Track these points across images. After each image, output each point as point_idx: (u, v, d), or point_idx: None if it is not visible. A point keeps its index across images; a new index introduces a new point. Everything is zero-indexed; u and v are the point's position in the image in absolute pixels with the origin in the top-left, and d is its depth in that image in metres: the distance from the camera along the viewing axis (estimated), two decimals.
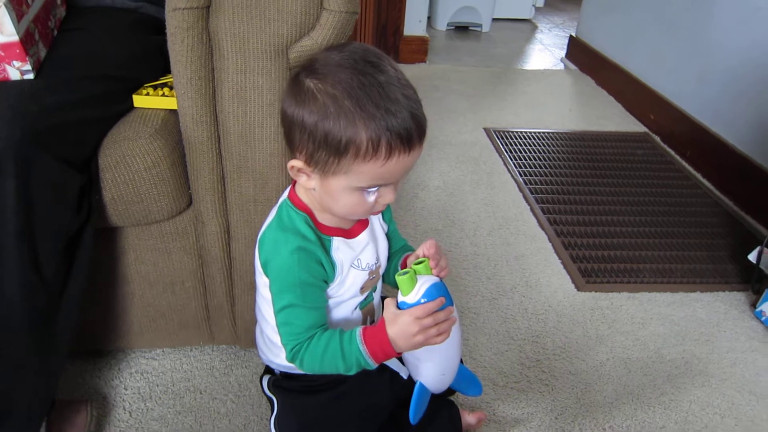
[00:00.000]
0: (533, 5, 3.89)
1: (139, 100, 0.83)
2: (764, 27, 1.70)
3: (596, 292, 1.33)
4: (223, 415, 0.97)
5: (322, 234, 0.71)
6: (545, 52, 3.27)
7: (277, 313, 0.70)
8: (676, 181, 1.88)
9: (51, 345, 0.71)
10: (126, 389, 1.01)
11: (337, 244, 0.72)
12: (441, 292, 0.67)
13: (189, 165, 0.82)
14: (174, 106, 0.81)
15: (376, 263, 0.77)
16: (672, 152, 2.08)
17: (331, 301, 0.75)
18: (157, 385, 1.02)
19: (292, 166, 0.66)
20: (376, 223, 0.79)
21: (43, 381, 0.72)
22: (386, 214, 0.81)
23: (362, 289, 0.77)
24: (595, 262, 1.44)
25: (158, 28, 0.89)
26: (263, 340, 0.85)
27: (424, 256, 0.70)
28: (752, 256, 1.37)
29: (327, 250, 0.70)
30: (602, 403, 1.04)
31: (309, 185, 0.67)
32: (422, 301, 0.65)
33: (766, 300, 1.27)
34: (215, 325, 1.00)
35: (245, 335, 1.01)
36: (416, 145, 0.62)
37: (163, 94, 0.84)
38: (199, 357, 1.07)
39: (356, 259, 0.74)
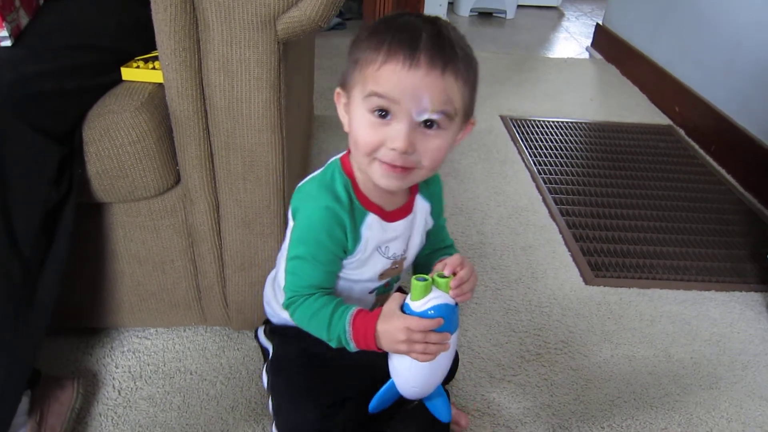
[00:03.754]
0: None
1: (127, 73, 0.81)
2: None
3: (605, 286, 1.29)
4: (211, 397, 0.96)
5: (360, 205, 0.69)
6: (570, 41, 3.18)
7: (288, 260, 0.70)
8: (698, 176, 1.81)
9: (28, 321, 0.70)
10: (117, 367, 1.00)
11: (371, 221, 0.69)
12: (448, 315, 0.64)
13: (176, 140, 0.80)
14: (161, 80, 0.78)
15: (402, 254, 0.75)
16: (696, 146, 2.00)
17: (345, 280, 0.73)
18: (148, 365, 1.01)
19: (337, 92, 0.67)
20: (420, 215, 0.75)
21: (19, 356, 0.71)
22: (436, 208, 0.78)
23: (381, 276, 0.74)
24: (607, 255, 1.39)
25: None
26: (272, 290, 0.83)
27: (453, 274, 0.66)
28: None
29: (356, 222, 0.68)
30: (602, 401, 1.00)
31: (344, 119, 0.66)
32: (429, 313, 0.63)
33: None
34: (207, 306, 0.99)
35: (237, 317, 0.99)
36: (421, 62, 0.58)
37: (154, 68, 0.82)
38: (192, 338, 1.06)
39: (384, 246, 0.72)
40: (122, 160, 0.77)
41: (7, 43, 0.68)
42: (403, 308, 0.65)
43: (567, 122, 2.09)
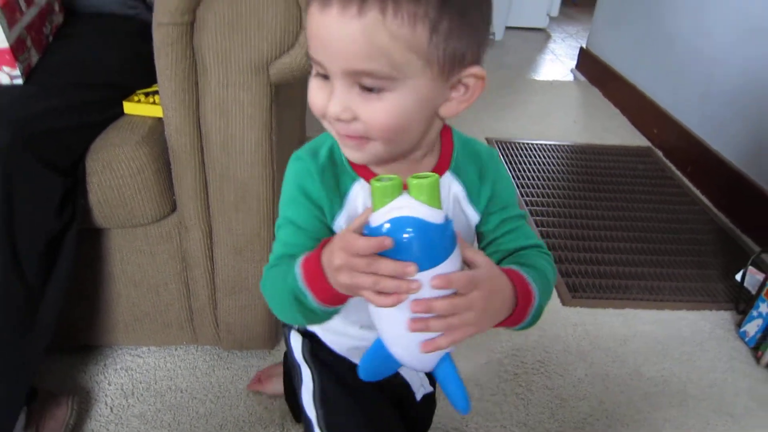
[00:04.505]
0: (548, 14, 3.87)
1: (130, 107, 0.86)
2: (761, 47, 1.70)
3: (582, 307, 1.34)
4: (201, 415, 1.00)
5: (349, 167, 0.55)
6: (556, 62, 3.26)
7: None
8: (674, 197, 1.88)
9: (29, 341, 0.75)
10: (110, 385, 1.04)
11: (360, 188, 0.55)
12: (414, 235, 0.42)
13: (173, 172, 0.85)
14: (161, 114, 0.83)
15: None
16: (673, 167, 2.07)
17: None
18: (140, 383, 1.05)
19: None
20: (448, 197, 0.57)
21: (20, 375, 0.76)
22: (479, 194, 0.57)
23: None
24: (584, 276, 1.45)
25: None
26: None
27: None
28: (739, 276, 1.38)
29: (341, 185, 0.55)
30: (576, 419, 1.06)
31: None
32: (383, 229, 0.43)
33: (750, 320, 1.27)
34: (198, 327, 1.03)
35: (227, 337, 1.03)
36: (331, 2, 0.43)
37: (154, 102, 0.87)
38: (183, 356, 1.10)
39: None
40: (122, 191, 0.81)
41: (19, 81, 0.73)
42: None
43: (550, 145, 2.16)
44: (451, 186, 0.57)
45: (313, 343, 0.70)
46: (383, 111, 0.46)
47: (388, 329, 0.49)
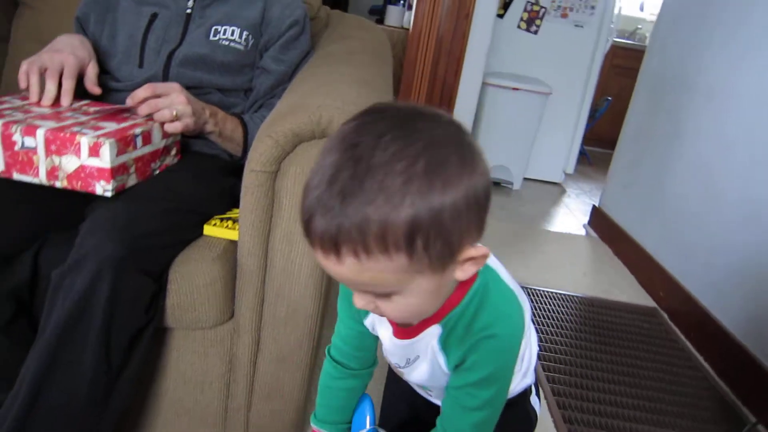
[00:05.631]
0: (564, 171, 4.17)
1: (208, 230, 1.05)
2: (761, 233, 1.85)
3: None
4: None
5: None
6: (569, 216, 3.49)
7: None
8: (677, 360, 1.95)
9: (103, 419, 0.87)
10: None
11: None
12: None
13: (237, 286, 1.01)
14: (235, 237, 1.02)
15: (400, 367, 0.70)
16: (677, 331, 2.15)
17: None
18: None
19: None
20: (425, 342, 0.65)
21: None
22: (458, 355, 0.63)
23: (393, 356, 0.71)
24: (587, 426, 1.51)
25: (231, 171, 1.13)
26: None
27: None
28: None
29: None
30: None
31: None
32: None
33: None
34: (230, 426, 1.13)
35: None
36: (316, 244, 0.47)
37: (227, 227, 1.05)
38: None
39: (385, 348, 0.70)
40: (194, 298, 0.97)
41: (109, 194, 0.91)
42: None
43: (559, 293, 2.30)
44: (435, 332, 0.63)
45: None
46: (397, 310, 0.54)
47: None
